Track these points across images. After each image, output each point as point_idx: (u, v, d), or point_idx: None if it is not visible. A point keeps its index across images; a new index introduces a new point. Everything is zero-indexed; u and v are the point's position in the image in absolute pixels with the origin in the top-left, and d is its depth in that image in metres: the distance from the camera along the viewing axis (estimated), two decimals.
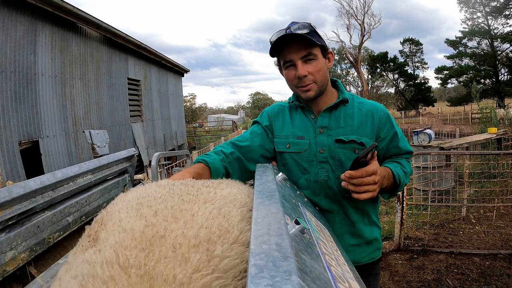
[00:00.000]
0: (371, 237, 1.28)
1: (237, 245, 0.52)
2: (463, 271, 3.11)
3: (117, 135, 9.18)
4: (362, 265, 1.28)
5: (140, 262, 0.47)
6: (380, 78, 40.48)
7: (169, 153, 4.03)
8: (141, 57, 11.22)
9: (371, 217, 1.29)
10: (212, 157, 1.16)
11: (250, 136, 1.31)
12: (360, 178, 0.99)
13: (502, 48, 31.03)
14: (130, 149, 1.55)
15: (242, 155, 1.24)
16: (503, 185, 4.31)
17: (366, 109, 1.24)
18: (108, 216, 0.58)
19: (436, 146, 5.44)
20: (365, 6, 28.66)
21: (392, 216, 4.68)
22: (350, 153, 1.20)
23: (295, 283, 0.36)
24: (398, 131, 1.27)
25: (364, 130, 1.21)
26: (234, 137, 1.35)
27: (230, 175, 1.19)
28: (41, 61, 6.18)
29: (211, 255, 0.49)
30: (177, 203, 0.58)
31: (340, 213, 1.25)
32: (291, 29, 1.12)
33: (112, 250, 0.49)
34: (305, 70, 1.15)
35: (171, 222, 0.53)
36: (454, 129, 12.76)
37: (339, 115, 1.24)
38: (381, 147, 1.24)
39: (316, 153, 1.22)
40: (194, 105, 50.25)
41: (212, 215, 0.56)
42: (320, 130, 1.23)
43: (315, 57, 1.17)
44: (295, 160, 1.26)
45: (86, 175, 1.18)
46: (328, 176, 1.22)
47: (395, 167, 1.18)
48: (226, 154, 1.21)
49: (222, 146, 1.27)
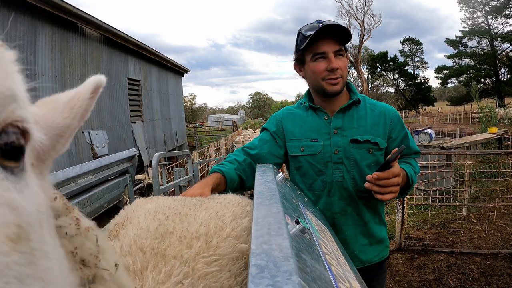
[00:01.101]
0: (381, 236, 1.30)
1: (230, 238, 0.65)
2: (464, 270, 3.11)
3: (117, 135, 9.18)
4: (373, 264, 1.29)
5: (153, 245, 0.62)
6: (380, 77, 40.46)
7: (169, 153, 4.04)
8: (141, 57, 11.23)
9: (381, 216, 1.32)
10: (227, 166, 1.23)
11: (259, 143, 1.33)
12: (387, 180, 1.02)
13: (502, 48, 31.03)
14: (131, 150, 1.55)
15: (253, 161, 1.29)
16: (503, 185, 4.31)
17: (378, 110, 1.27)
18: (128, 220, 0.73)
19: (436, 145, 5.44)
20: (365, 6, 28.67)
21: (393, 215, 4.68)
22: (365, 153, 1.22)
23: (295, 283, 0.36)
24: (407, 132, 1.31)
25: (377, 130, 1.24)
26: (246, 143, 1.41)
27: (244, 181, 1.26)
28: (41, 61, 6.18)
29: (209, 244, 0.63)
30: (184, 211, 0.74)
31: (353, 214, 1.26)
32: (325, 22, 1.16)
33: (130, 238, 0.64)
34: (337, 64, 1.18)
35: (178, 223, 0.68)
36: (455, 129, 12.76)
37: (352, 115, 1.25)
38: (392, 147, 1.26)
39: (331, 154, 1.23)
40: (194, 105, 50.27)
41: (210, 217, 0.70)
42: (334, 131, 1.24)
43: (343, 54, 1.20)
44: (310, 163, 1.26)
45: (87, 175, 1.18)
46: (343, 177, 1.23)
47: (407, 168, 1.22)
48: (239, 162, 1.27)
49: (235, 154, 1.33)
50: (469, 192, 4.52)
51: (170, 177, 5.58)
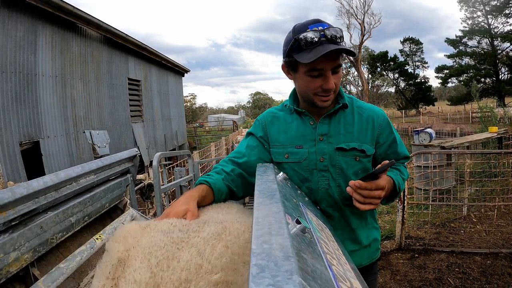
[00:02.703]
0: (369, 240, 1.28)
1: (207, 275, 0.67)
2: (465, 270, 3.11)
3: (118, 135, 9.19)
4: (363, 267, 1.28)
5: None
6: (380, 77, 40.47)
7: (170, 153, 4.04)
8: (142, 57, 11.23)
9: (370, 222, 1.30)
10: (214, 177, 1.14)
11: (246, 150, 1.26)
12: (369, 191, 0.98)
13: (502, 47, 31.01)
14: (132, 149, 1.55)
15: (243, 171, 1.21)
16: (504, 184, 4.31)
17: (366, 114, 1.21)
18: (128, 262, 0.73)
19: (437, 145, 5.44)
20: (365, 6, 28.67)
21: (393, 215, 4.68)
22: (351, 160, 1.18)
23: (296, 283, 0.36)
24: (397, 136, 1.26)
25: (364, 137, 1.19)
26: (230, 153, 1.31)
27: (234, 192, 1.18)
28: (42, 62, 6.19)
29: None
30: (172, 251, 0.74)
31: (341, 220, 1.23)
32: (327, 34, 1.03)
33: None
34: (333, 83, 1.09)
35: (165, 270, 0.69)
36: (455, 128, 12.76)
37: (338, 121, 1.19)
38: (379, 153, 1.23)
39: (316, 161, 1.18)
40: (195, 105, 50.31)
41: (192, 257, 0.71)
42: (320, 137, 1.19)
43: (340, 69, 1.12)
44: (295, 170, 1.21)
45: (89, 175, 1.19)
46: (329, 185, 1.19)
47: (395, 175, 1.17)
48: (227, 172, 1.18)
49: (221, 164, 1.24)
50: (469, 191, 4.52)
51: (170, 177, 5.59)
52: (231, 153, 1.30)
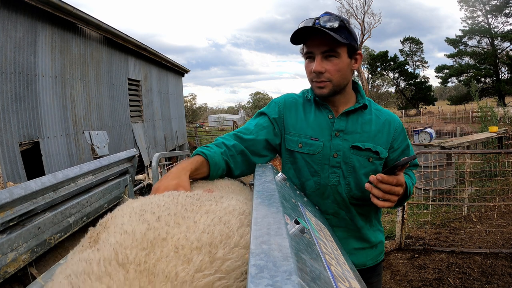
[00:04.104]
0: (376, 241, 1.27)
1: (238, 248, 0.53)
2: (465, 270, 3.11)
3: (118, 136, 9.19)
4: (367, 268, 1.27)
5: (140, 259, 0.46)
6: (380, 77, 40.49)
7: (169, 153, 4.03)
8: (141, 57, 11.23)
9: (374, 224, 1.29)
10: (212, 149, 1.07)
11: (255, 129, 1.19)
12: (390, 186, 0.95)
13: (502, 47, 31.04)
14: (131, 150, 1.55)
15: (245, 148, 1.14)
16: (504, 184, 4.31)
17: (384, 118, 1.21)
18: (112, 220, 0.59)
19: (437, 145, 5.43)
20: (365, 5, 28.68)
21: (393, 215, 4.68)
22: (365, 160, 1.17)
23: (295, 283, 0.36)
24: (409, 143, 1.26)
25: (380, 139, 1.18)
26: (237, 128, 1.25)
27: (231, 169, 1.11)
28: (41, 62, 6.19)
29: (213, 257, 0.49)
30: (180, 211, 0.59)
31: (346, 218, 1.22)
32: (320, 20, 1.05)
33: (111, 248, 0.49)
34: (322, 67, 1.08)
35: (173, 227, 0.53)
36: (455, 128, 12.75)
37: (356, 119, 1.19)
38: (392, 158, 1.22)
39: (330, 156, 1.16)
40: (195, 105, 50.31)
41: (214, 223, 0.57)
42: (336, 133, 1.17)
43: (336, 55, 1.08)
44: (306, 161, 1.19)
45: (87, 176, 1.18)
46: (339, 182, 1.17)
47: (407, 179, 1.16)
48: (228, 146, 1.11)
49: (224, 137, 1.16)
50: (469, 191, 4.52)
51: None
52: (238, 129, 1.24)
